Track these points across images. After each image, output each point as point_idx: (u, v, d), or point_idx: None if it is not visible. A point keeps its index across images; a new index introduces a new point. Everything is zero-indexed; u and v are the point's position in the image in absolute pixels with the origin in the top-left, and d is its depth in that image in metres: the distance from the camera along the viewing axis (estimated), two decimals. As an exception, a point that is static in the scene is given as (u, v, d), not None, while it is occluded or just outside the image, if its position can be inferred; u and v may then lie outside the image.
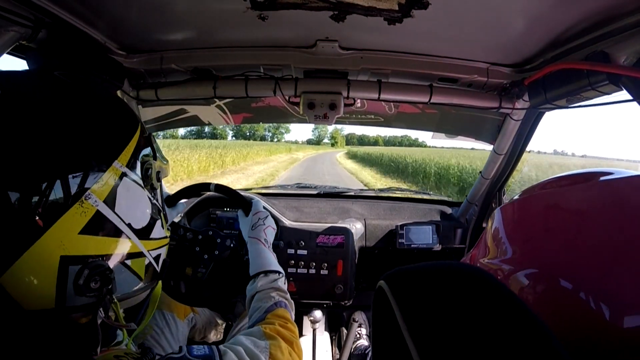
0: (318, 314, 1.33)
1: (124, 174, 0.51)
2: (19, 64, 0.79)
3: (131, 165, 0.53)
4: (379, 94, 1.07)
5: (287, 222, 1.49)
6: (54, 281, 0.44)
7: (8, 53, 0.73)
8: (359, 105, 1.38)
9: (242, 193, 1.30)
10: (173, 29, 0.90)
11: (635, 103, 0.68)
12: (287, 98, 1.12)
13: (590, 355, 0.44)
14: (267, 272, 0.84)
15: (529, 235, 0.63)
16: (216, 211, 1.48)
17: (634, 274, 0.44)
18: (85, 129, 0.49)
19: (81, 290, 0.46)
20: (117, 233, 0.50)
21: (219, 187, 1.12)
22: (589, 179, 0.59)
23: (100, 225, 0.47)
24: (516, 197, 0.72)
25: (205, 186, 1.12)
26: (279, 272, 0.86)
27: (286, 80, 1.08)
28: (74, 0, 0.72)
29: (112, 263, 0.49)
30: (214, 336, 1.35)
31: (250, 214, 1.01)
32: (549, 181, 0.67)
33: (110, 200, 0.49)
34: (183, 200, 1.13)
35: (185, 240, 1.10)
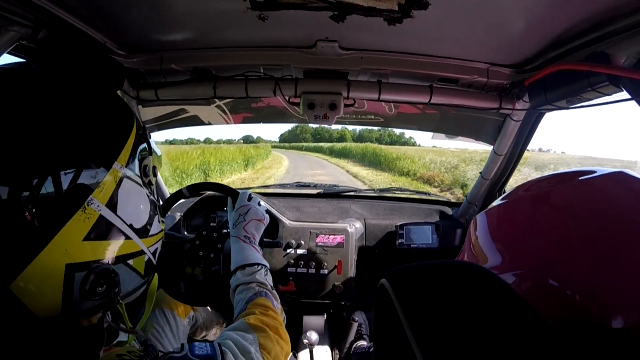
0: (314, 335, 1.30)
1: (124, 175, 0.51)
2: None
3: (130, 165, 0.52)
4: (379, 95, 1.07)
5: (287, 222, 1.49)
6: (60, 289, 0.44)
7: (8, 53, 0.73)
8: (358, 105, 1.38)
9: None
10: (173, 29, 0.90)
11: (634, 102, 0.68)
12: (287, 98, 1.12)
13: (578, 352, 0.44)
14: (244, 266, 0.85)
15: (515, 238, 0.63)
16: (216, 211, 1.49)
17: (618, 274, 0.44)
18: (83, 131, 0.47)
19: (88, 295, 0.45)
20: (120, 235, 0.50)
21: (192, 187, 1.11)
22: (571, 178, 0.60)
23: (103, 230, 0.47)
24: (498, 201, 0.72)
25: (178, 194, 1.11)
26: (258, 265, 0.86)
27: (286, 81, 1.08)
28: (74, 1, 0.73)
29: (115, 264, 0.49)
30: (215, 335, 1.35)
31: (234, 210, 1.00)
32: (532, 183, 0.67)
33: (112, 203, 0.48)
34: (175, 206, 1.12)
35: (186, 241, 1.10)
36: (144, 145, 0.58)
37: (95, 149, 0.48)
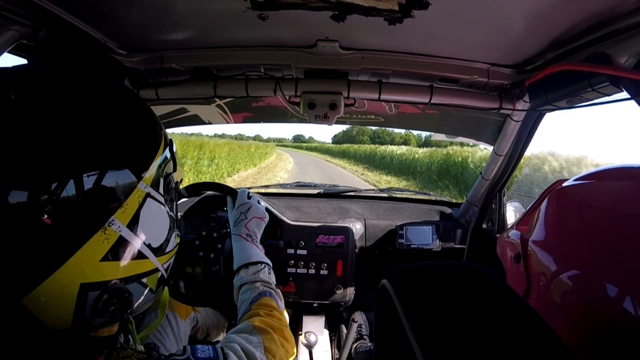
0: (312, 337, 1.31)
1: (147, 195, 0.48)
2: (20, 63, 0.79)
3: (155, 183, 0.50)
4: (379, 95, 1.07)
5: (287, 222, 1.49)
6: (72, 306, 0.43)
7: (8, 52, 0.73)
8: (359, 105, 1.38)
9: None
10: (173, 28, 0.90)
11: (633, 102, 0.68)
12: (287, 98, 1.12)
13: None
14: (248, 265, 0.85)
15: (571, 232, 0.60)
16: (216, 211, 1.48)
17: None
18: (110, 148, 0.45)
19: (99, 313, 0.45)
20: (137, 255, 0.48)
21: (191, 188, 1.09)
22: (626, 173, 0.57)
23: (122, 250, 0.46)
24: (568, 182, 0.67)
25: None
26: (262, 263, 0.86)
27: (286, 80, 1.08)
28: (75, 0, 0.72)
29: (129, 283, 0.48)
30: (216, 335, 1.35)
31: (234, 209, 0.99)
32: (586, 175, 0.64)
33: (133, 224, 0.46)
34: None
35: (186, 241, 1.10)
36: (169, 158, 0.55)
37: (121, 167, 0.45)
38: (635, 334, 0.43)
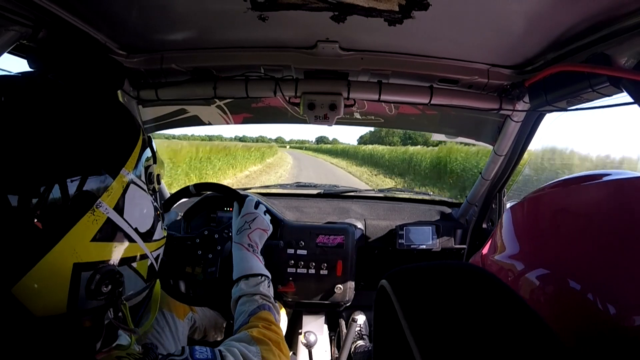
0: (312, 337, 1.32)
1: (131, 181, 0.53)
2: (20, 63, 0.79)
3: (136, 171, 0.55)
4: (379, 95, 1.07)
5: (287, 222, 1.49)
6: (66, 287, 0.45)
7: (8, 52, 0.73)
8: (359, 106, 1.38)
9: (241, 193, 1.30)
10: (174, 29, 0.90)
11: (636, 105, 0.68)
12: (287, 99, 1.12)
13: (598, 354, 0.44)
14: (248, 277, 0.85)
15: (538, 234, 0.64)
16: (216, 211, 1.49)
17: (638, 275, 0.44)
18: (94, 138, 0.50)
19: (93, 295, 0.47)
20: (125, 238, 0.52)
21: (200, 186, 1.10)
22: (595, 179, 0.60)
23: (110, 232, 0.49)
24: (525, 197, 0.73)
25: (185, 191, 1.10)
26: (262, 275, 0.86)
27: (286, 81, 1.08)
28: (75, 0, 0.73)
29: (120, 266, 0.51)
30: (214, 335, 1.35)
31: (239, 216, 1.00)
32: (557, 182, 0.68)
33: (119, 207, 0.50)
34: (175, 206, 1.12)
35: (186, 240, 1.10)
36: (149, 153, 0.60)
37: (104, 156, 0.50)
38: (597, 327, 0.44)
